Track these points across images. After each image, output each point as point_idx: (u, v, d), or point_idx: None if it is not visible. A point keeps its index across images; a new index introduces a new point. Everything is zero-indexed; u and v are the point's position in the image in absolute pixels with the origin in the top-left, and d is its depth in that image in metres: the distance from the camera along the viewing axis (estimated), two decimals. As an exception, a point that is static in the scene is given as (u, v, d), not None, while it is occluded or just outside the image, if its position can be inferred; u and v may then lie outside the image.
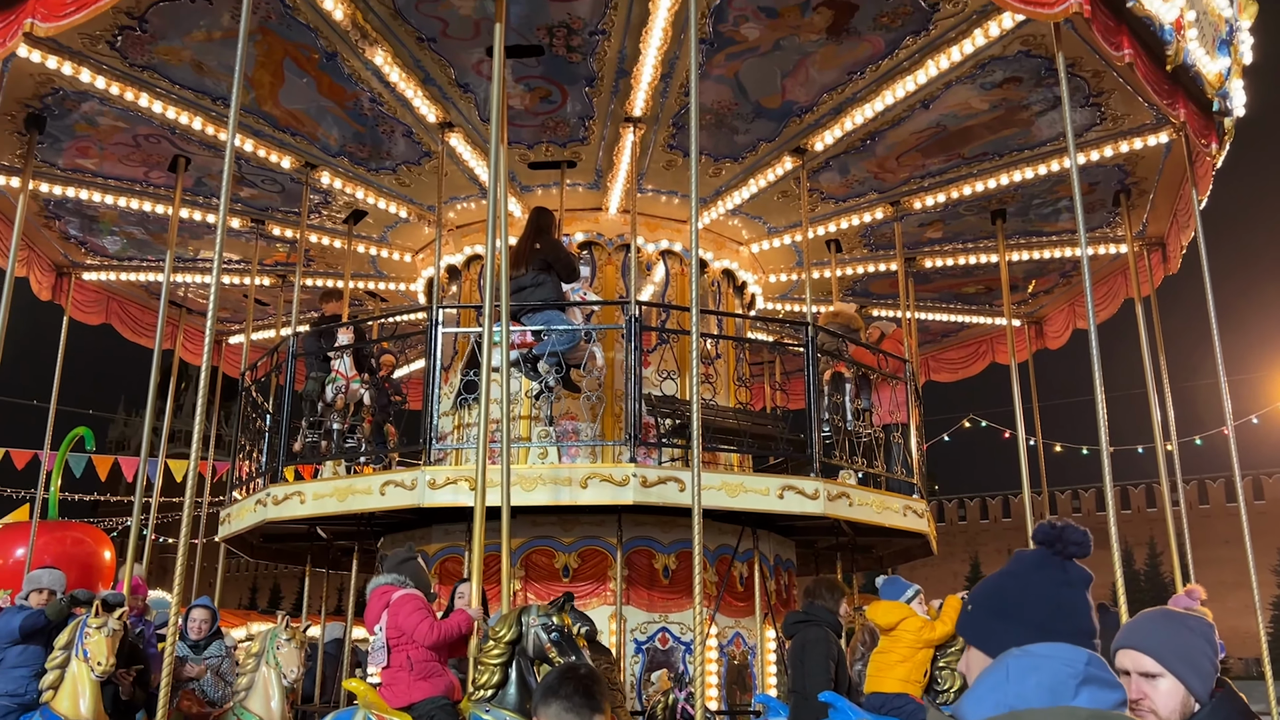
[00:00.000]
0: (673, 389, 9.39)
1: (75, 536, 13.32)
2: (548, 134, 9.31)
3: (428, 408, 8.48)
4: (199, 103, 8.77)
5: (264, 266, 12.26)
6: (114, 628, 6.15)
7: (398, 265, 12.27)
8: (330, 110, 9.00)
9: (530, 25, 7.73)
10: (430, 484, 8.03)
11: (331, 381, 9.52)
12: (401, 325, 12.88)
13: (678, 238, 10.81)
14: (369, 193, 10.48)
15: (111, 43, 7.87)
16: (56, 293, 12.00)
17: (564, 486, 7.98)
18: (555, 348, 8.35)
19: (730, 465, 10.44)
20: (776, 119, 9.13)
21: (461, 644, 5.84)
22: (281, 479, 9.22)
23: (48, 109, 8.75)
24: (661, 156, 9.66)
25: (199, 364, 14.51)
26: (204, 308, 13.54)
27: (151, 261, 12.22)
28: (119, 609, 6.31)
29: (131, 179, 10.09)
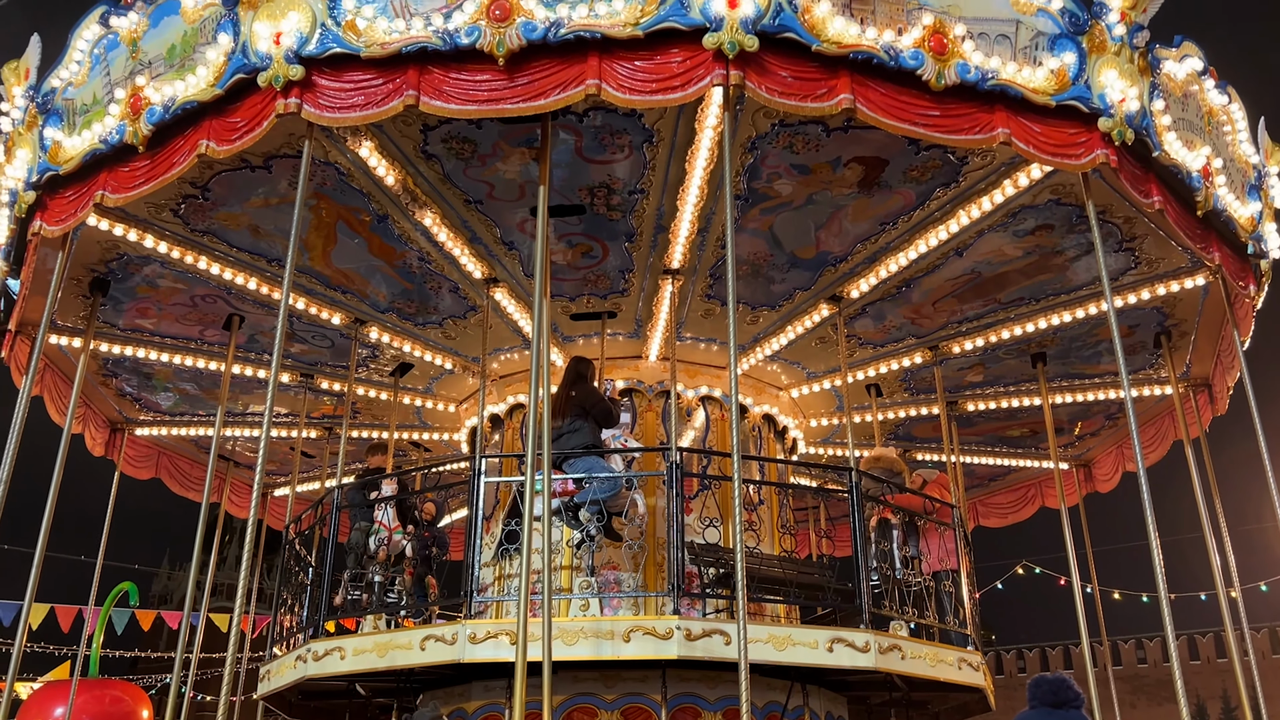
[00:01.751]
0: (716, 537, 9.26)
1: (114, 695, 13.21)
2: (589, 287, 9.58)
3: (469, 559, 8.44)
4: (254, 264, 9.16)
5: (311, 420, 12.48)
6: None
7: (442, 415, 12.45)
8: (380, 269, 9.35)
9: (572, 186, 8.08)
10: (471, 638, 7.89)
11: (375, 533, 9.53)
12: (445, 475, 12.94)
13: (717, 384, 10.90)
14: (416, 346, 10.76)
15: (175, 210, 8.32)
16: (110, 449, 12.27)
17: (606, 640, 7.81)
18: (596, 495, 8.34)
19: (777, 616, 10.18)
20: (812, 269, 9.33)
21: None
22: (323, 633, 9.13)
23: (112, 273, 9.18)
24: (699, 306, 9.86)
25: (244, 517, 14.71)
26: (252, 461, 13.78)
27: (202, 416, 12.50)
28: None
29: (187, 337, 10.45)
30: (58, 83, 7.81)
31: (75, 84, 7.71)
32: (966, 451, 13.29)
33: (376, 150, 7.68)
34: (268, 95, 6.62)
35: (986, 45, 6.84)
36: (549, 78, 6.42)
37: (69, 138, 7.58)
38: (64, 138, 7.60)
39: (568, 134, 7.53)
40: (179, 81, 6.96)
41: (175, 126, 7.01)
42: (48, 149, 7.66)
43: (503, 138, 7.53)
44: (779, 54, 6.40)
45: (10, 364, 9.97)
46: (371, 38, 6.45)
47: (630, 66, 6.35)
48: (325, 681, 9.20)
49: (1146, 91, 7.35)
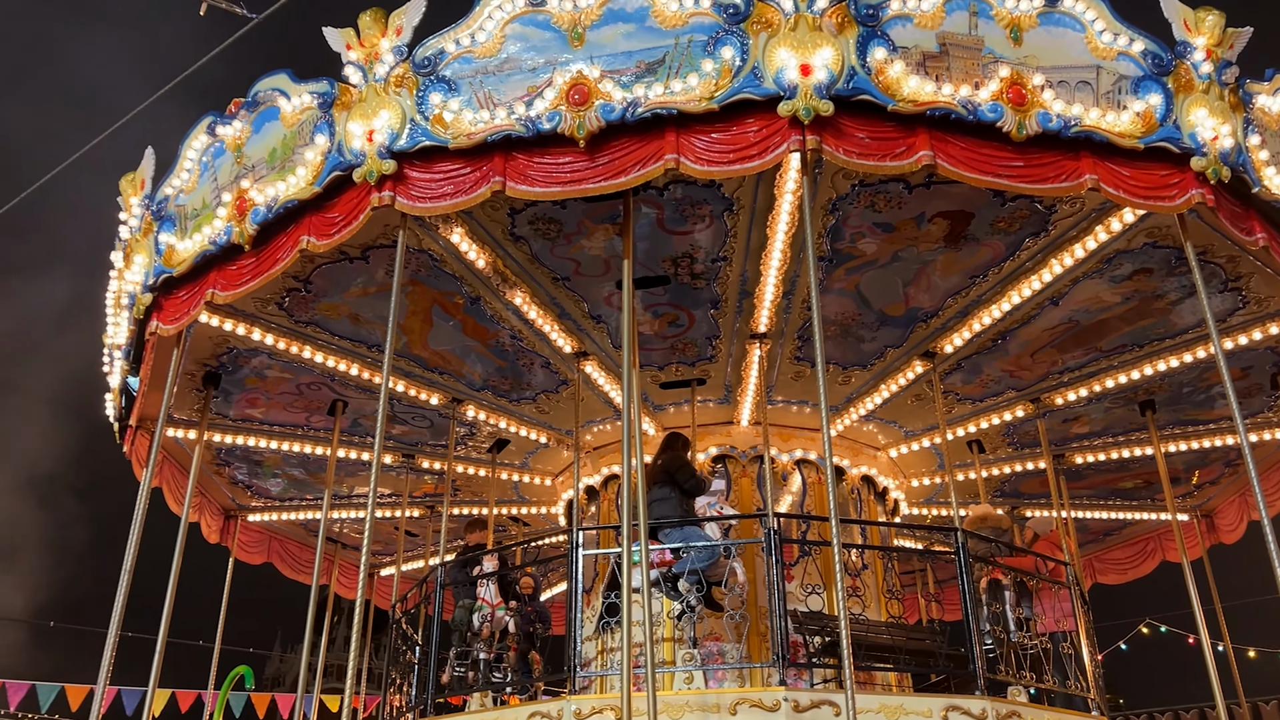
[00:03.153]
0: (819, 604, 9.09)
1: (233, 778, 13.43)
2: (677, 355, 9.64)
3: (571, 633, 8.43)
4: (356, 351, 9.49)
5: (413, 499, 12.74)
6: None
7: (539, 489, 12.57)
8: (474, 349, 9.60)
9: (656, 258, 8.20)
10: (576, 714, 7.84)
11: (478, 610, 9.61)
12: (544, 549, 13.01)
13: (812, 446, 10.78)
14: (511, 422, 10.95)
15: (280, 303, 8.71)
16: (224, 535, 12.70)
17: (712, 714, 7.66)
18: (695, 565, 8.28)
19: (888, 685, 9.88)
20: (902, 325, 9.23)
21: None
22: (431, 712, 9.19)
23: (223, 366, 9.61)
24: (789, 368, 9.82)
25: (352, 598, 14.95)
26: (358, 542, 14.10)
27: (310, 500, 12.87)
28: None
29: (294, 424, 10.83)
30: (170, 190, 8.31)
31: (186, 190, 8.20)
32: (1078, 506, 12.80)
33: (467, 235, 7.95)
34: (363, 190, 6.94)
35: (1067, 93, 6.77)
36: (628, 155, 6.58)
37: (181, 241, 8.03)
38: (177, 241, 8.07)
39: (649, 208, 7.68)
40: (280, 182, 7.35)
41: (278, 224, 7.38)
42: (162, 253, 8.13)
43: (586, 215, 7.72)
44: (855, 116, 6.45)
45: (131, 458, 10.48)
46: (458, 129, 6.72)
47: (707, 139, 6.47)
48: (435, 761, 9.24)
49: (1240, 127, 7.15)
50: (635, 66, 6.57)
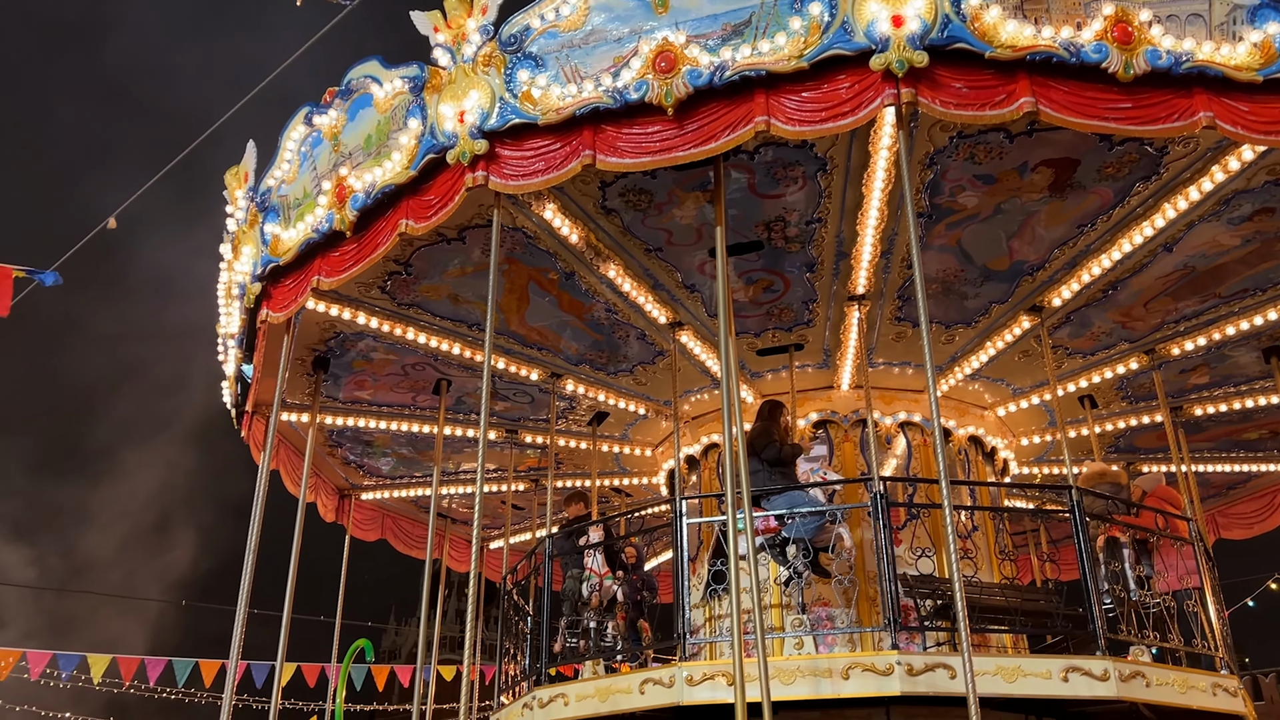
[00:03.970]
0: (929, 567, 8.95)
1: (358, 746, 13.98)
2: (773, 321, 9.56)
3: (679, 601, 8.49)
4: (457, 330, 9.67)
5: (518, 473, 12.96)
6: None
7: (639, 460, 12.66)
8: (570, 323, 9.68)
9: (748, 223, 8.12)
10: (688, 680, 7.91)
11: (586, 580, 9.76)
12: (647, 519, 13.12)
13: (916, 408, 10.59)
14: (609, 395, 11.03)
15: (382, 287, 8.92)
16: (339, 514, 13.15)
17: (824, 679, 7.64)
18: (800, 532, 8.24)
19: (1003, 647, 9.69)
20: (1007, 280, 8.96)
21: None
22: (546, 680, 9.38)
23: (330, 350, 9.91)
24: (890, 329, 9.64)
25: (463, 571, 15.31)
26: (466, 517, 14.45)
27: (418, 478, 13.22)
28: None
29: (401, 404, 11.12)
30: (272, 182, 8.57)
31: (287, 181, 8.45)
32: (1198, 459, 12.31)
33: (559, 211, 8.00)
34: (457, 171, 7.03)
35: (1177, 27, 6.43)
36: (717, 121, 6.51)
37: (285, 231, 8.28)
38: (281, 231, 8.32)
39: (740, 173, 7.60)
40: (377, 168, 7.50)
41: (377, 210, 7.55)
42: (268, 243, 8.40)
43: (677, 184, 7.68)
44: (950, 65, 6.24)
45: (249, 442, 10.91)
46: (547, 105, 6.75)
47: (798, 99, 6.35)
48: (552, 727, 9.44)
49: (1370, 52, 6.69)
50: (721, 30, 6.48)
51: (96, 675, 18.65)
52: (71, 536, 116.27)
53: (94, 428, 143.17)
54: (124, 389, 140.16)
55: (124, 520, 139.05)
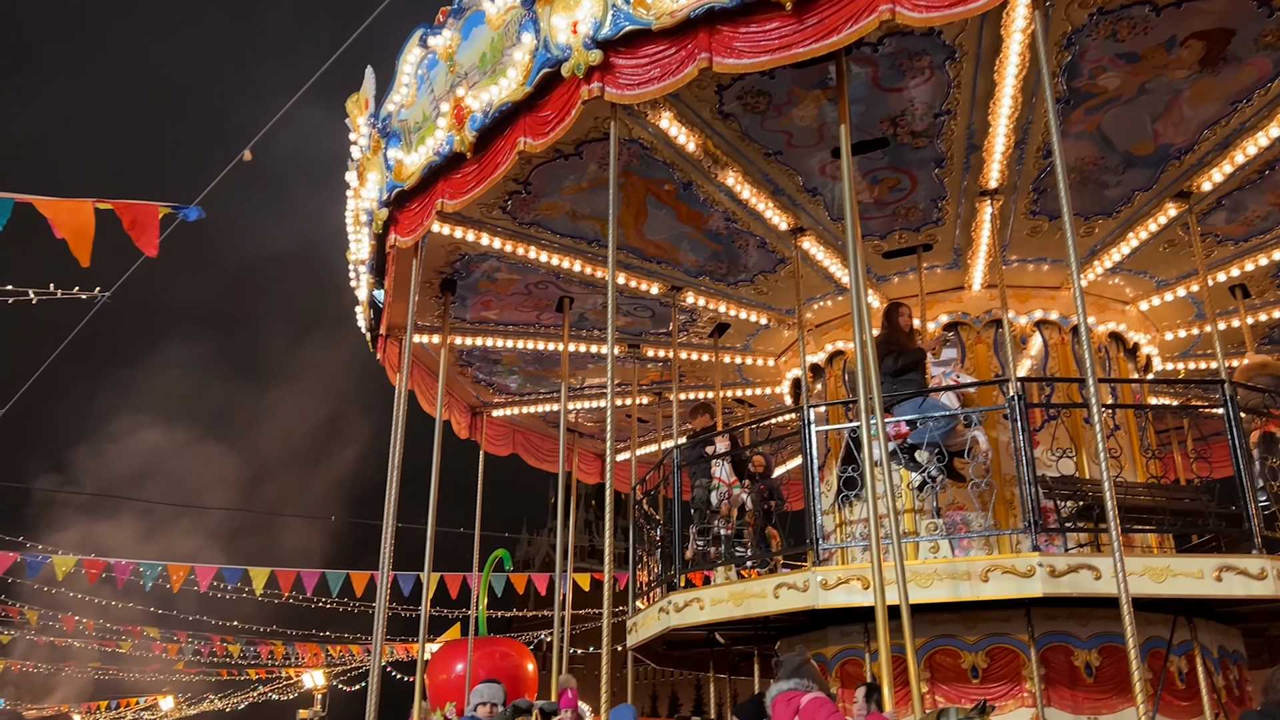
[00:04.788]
0: (1069, 468, 8.71)
1: (503, 651, 14.66)
2: (899, 221, 9.26)
3: (810, 507, 8.50)
4: (576, 247, 9.71)
5: (642, 387, 13.09)
6: (551, 734, 6.65)
7: (762, 371, 12.60)
8: (689, 235, 9.59)
9: (872, 120, 7.83)
10: (822, 584, 7.96)
11: (715, 489, 9.86)
12: (774, 428, 13.11)
13: (1052, 306, 10.18)
14: (730, 305, 10.95)
15: (503, 207, 9.00)
16: (473, 431, 13.57)
17: (962, 581, 7.58)
18: (933, 436, 8.10)
19: (1148, 547, 9.41)
20: (1151, 165, 8.43)
21: (879, 750, 5.67)
22: (679, 586, 9.59)
23: (456, 273, 10.10)
24: (1024, 224, 9.23)
25: (592, 483, 15.64)
26: (592, 430, 14.72)
27: (545, 394, 13.49)
28: (556, 717, 6.82)
29: (526, 323, 11.31)
30: (392, 107, 8.67)
31: (406, 105, 8.53)
32: (1364, 348, 11.51)
33: (676, 119, 7.86)
34: (572, 84, 6.97)
35: None
36: (839, 12, 6.24)
37: (408, 155, 8.40)
38: (404, 156, 8.44)
39: (862, 67, 7.29)
40: (493, 86, 7.49)
41: (495, 129, 7.57)
42: (392, 168, 8.55)
43: (796, 83, 7.43)
44: (1091, -65, 5.80)
45: (385, 364, 11.30)
46: (660, 8, 6.58)
47: (925, -18, 6.02)
48: (686, 631, 9.68)
49: None
50: (839, -87, 6.16)
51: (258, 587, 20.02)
52: (247, 441, 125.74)
53: (272, 337, 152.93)
54: (303, 300, 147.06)
55: (294, 429, 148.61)
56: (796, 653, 6.34)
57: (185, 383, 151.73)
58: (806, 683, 5.99)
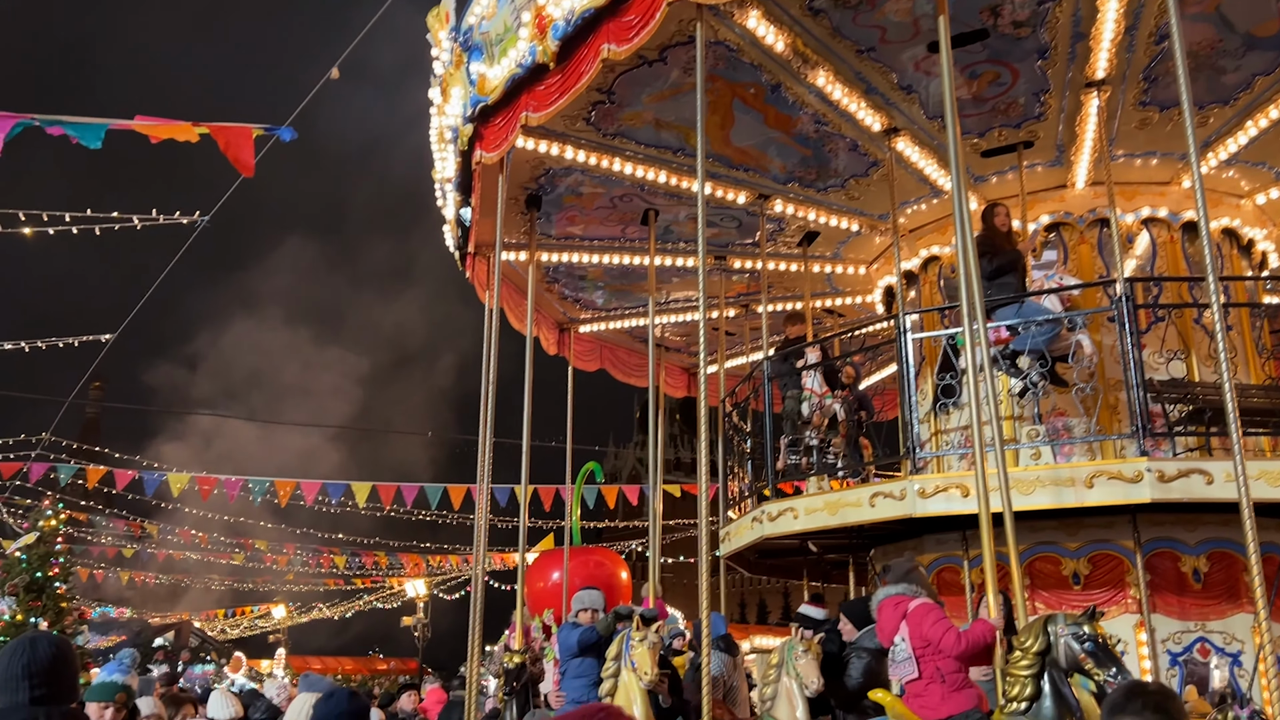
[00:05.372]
0: (1179, 370, 8.39)
1: (597, 560, 14.96)
2: (999, 118, 8.87)
3: (905, 416, 8.39)
4: (661, 158, 9.55)
5: (728, 299, 12.97)
6: (654, 641, 6.78)
7: (852, 279, 12.36)
8: (777, 140, 9.34)
9: (972, 10, 7.44)
10: (920, 493, 7.89)
11: (806, 399, 9.79)
12: (866, 338, 12.90)
13: (1161, 202, 9.70)
14: (820, 212, 10.70)
15: (587, 119, 8.86)
16: (561, 347, 13.67)
17: (1066, 487, 7.43)
18: (1034, 342, 7.87)
19: (1260, 451, 9.06)
20: (1274, 48, 7.88)
21: (985, 655, 5.64)
22: (772, 496, 9.62)
23: (541, 188, 10.04)
24: (1133, 116, 8.75)
25: (679, 396, 15.66)
26: (679, 344, 14.70)
27: (630, 309, 13.47)
28: (655, 623, 6.95)
29: (611, 237, 11.23)
30: (473, 19, 8.54)
31: (487, 17, 8.39)
32: None
33: (764, 18, 7.58)
34: (656, -15, 6.75)
35: None
36: (938, -106, 5.89)
37: (490, 68, 8.29)
38: (486, 69, 8.34)
39: (962, -48, 6.90)
40: (574, -8, 7.30)
41: (577, 37, 7.39)
42: (475, 83, 8.46)
43: (890, -26, 7.09)
44: None
45: (474, 283, 11.38)
46: (747, -99, 6.30)
47: None
48: (779, 540, 9.75)
49: None
50: None
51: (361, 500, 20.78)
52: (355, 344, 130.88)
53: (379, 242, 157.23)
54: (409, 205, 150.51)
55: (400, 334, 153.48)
56: (905, 558, 6.33)
57: (294, 287, 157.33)
58: (914, 588, 5.98)
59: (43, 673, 2.80)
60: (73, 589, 16.11)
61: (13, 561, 14.17)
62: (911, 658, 5.59)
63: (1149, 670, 7.90)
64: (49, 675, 2.81)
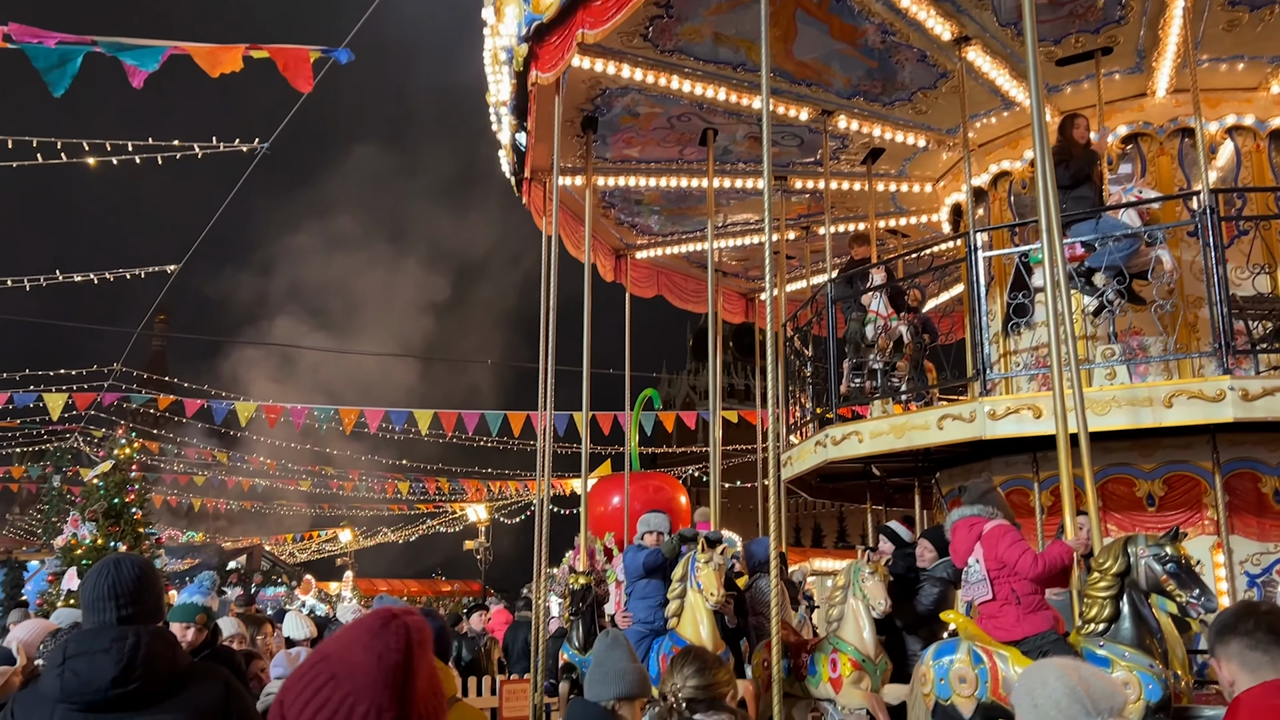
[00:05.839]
0: (1264, 286, 8.05)
1: (656, 484, 15.09)
2: (1076, 23, 8.44)
3: (976, 337, 8.18)
4: (720, 74, 9.28)
5: (789, 221, 12.72)
6: (719, 562, 6.79)
7: (917, 198, 12.03)
8: (841, 52, 9.01)
9: (1051, -94, 7.03)
10: (990, 415, 7.73)
11: (871, 322, 9.60)
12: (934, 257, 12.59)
13: (1248, 109, 9.22)
14: (885, 128, 10.37)
15: (644, 35, 8.61)
16: (618, 273, 13.56)
17: (1144, 407, 7.21)
18: (1111, 258, 7.58)
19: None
20: (1378, -63, 7.35)
21: (1061, 576, 5.54)
22: (835, 420, 9.51)
23: (597, 109, 9.84)
24: (1220, 17, 8.27)
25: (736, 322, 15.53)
26: (736, 269, 14.51)
27: (686, 234, 13.28)
28: (720, 545, 6.95)
29: (668, 159, 11.02)
30: (527, -66, 8.30)
31: (541, -70, 8.14)
32: None
33: (828, -79, 7.25)
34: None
35: None
36: None
37: (545, -14, 8.07)
38: (541, -13, 8.11)
39: None
40: (630, -100, 7.03)
41: (635, -52, 7.14)
42: (529, 1, 8.25)
43: None
44: None
45: (530, 208, 11.28)
46: None
47: None
48: (843, 464, 9.66)
49: None
50: None
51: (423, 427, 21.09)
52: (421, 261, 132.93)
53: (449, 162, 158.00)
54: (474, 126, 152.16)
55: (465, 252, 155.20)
56: (983, 479, 6.22)
57: (359, 199, 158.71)
58: (990, 510, 5.88)
59: (128, 593, 2.83)
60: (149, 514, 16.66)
61: (91, 488, 14.66)
62: (986, 579, 5.52)
63: (1225, 592, 7.75)
64: (134, 595, 2.84)
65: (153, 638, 2.78)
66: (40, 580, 14.19)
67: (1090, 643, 5.09)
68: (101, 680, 2.64)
